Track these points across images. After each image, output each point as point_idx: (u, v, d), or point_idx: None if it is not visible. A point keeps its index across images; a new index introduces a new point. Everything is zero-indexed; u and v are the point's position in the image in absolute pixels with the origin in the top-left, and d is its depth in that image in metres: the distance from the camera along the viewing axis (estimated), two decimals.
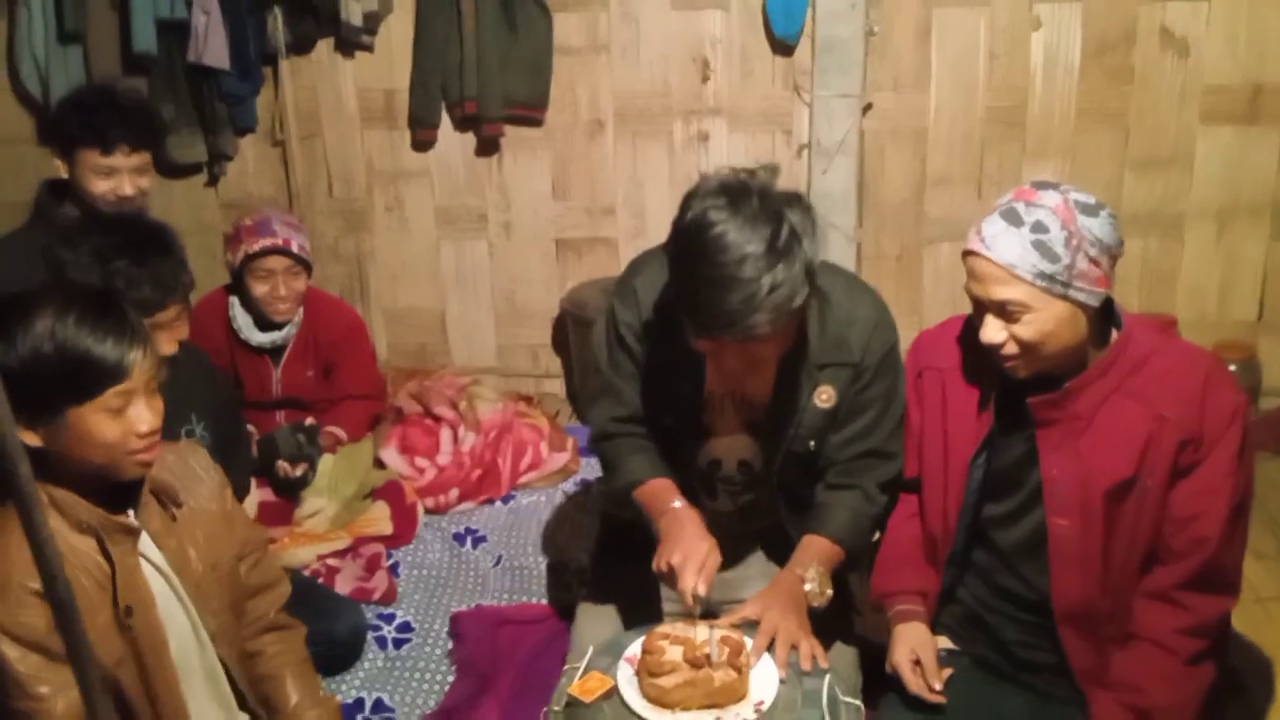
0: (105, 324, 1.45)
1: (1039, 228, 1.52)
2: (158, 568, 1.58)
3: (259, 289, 2.74)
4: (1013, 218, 1.54)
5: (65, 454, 1.47)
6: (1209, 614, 1.64)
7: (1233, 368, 3.37)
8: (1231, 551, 1.65)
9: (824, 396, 1.85)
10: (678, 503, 1.79)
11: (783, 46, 3.39)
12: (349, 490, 2.75)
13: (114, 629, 1.51)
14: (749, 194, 1.59)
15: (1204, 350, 1.73)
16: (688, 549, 1.68)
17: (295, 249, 2.74)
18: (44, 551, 0.94)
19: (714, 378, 1.86)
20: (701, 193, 1.62)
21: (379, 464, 2.97)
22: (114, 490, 1.55)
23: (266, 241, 2.70)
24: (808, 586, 1.76)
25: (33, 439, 1.44)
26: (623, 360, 1.92)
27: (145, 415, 1.48)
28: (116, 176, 2.39)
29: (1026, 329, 1.56)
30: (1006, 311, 1.56)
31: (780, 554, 1.97)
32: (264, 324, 2.81)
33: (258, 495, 2.65)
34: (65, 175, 2.42)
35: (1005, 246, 1.53)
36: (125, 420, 1.46)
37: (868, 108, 3.38)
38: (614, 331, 1.92)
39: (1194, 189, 3.40)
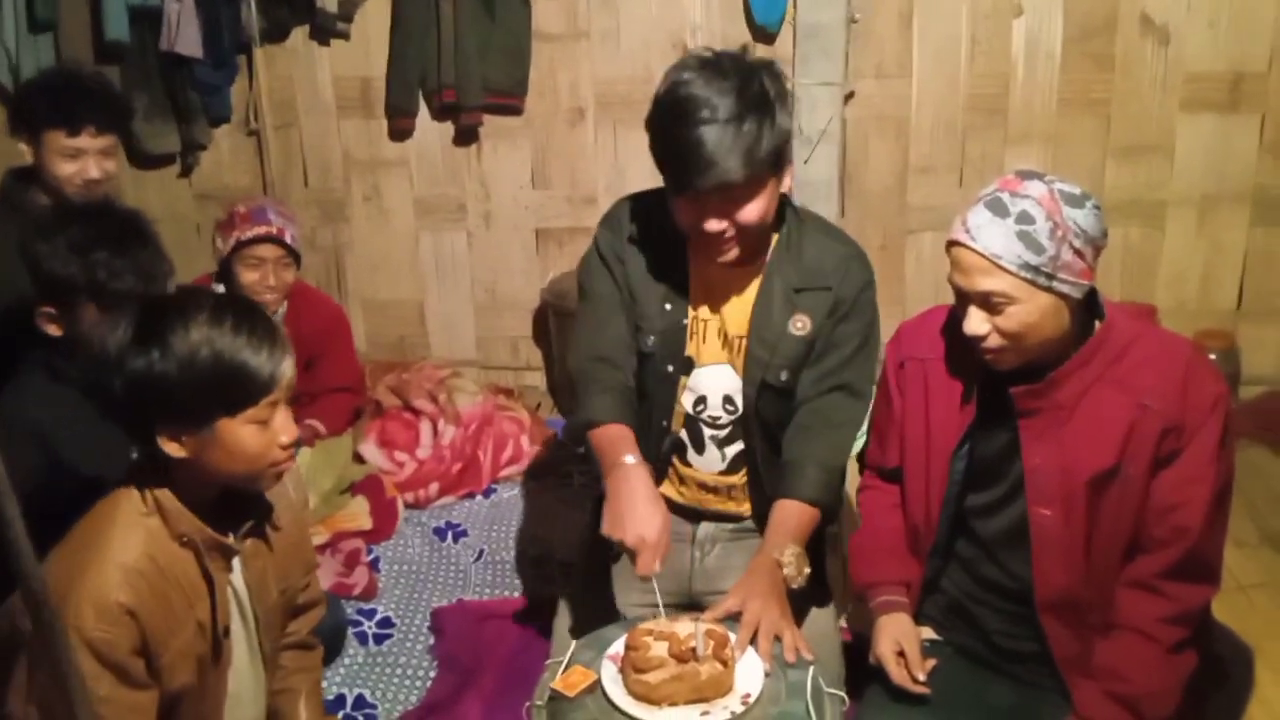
0: (259, 334, 1.42)
1: (1024, 218, 1.51)
2: (235, 590, 1.56)
3: (248, 276, 2.68)
4: (998, 208, 1.53)
5: (206, 464, 1.44)
6: (1191, 602, 1.65)
7: (1212, 356, 3.37)
8: (1213, 540, 1.66)
9: (799, 324, 1.87)
10: (630, 458, 1.75)
11: (764, 33, 3.37)
12: (326, 484, 2.72)
13: (192, 649, 1.48)
14: (720, 60, 1.75)
15: (1185, 339, 1.73)
16: (641, 526, 1.65)
17: (288, 239, 2.70)
18: (30, 581, 0.91)
19: (697, 294, 1.90)
20: (677, 65, 1.78)
21: (359, 458, 2.94)
22: (218, 510, 1.51)
23: (260, 229, 2.65)
24: (786, 570, 1.73)
25: (177, 450, 1.41)
26: (605, 284, 1.94)
27: (288, 426, 1.47)
28: (83, 159, 2.37)
29: (1010, 321, 1.55)
30: (990, 303, 1.55)
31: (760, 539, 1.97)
32: None
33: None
34: (30, 160, 2.39)
35: (990, 237, 1.52)
36: (270, 431, 1.44)
37: (850, 95, 3.36)
38: (597, 254, 1.96)
39: (1175, 177, 3.41)
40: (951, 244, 1.58)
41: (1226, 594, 1.89)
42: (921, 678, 1.72)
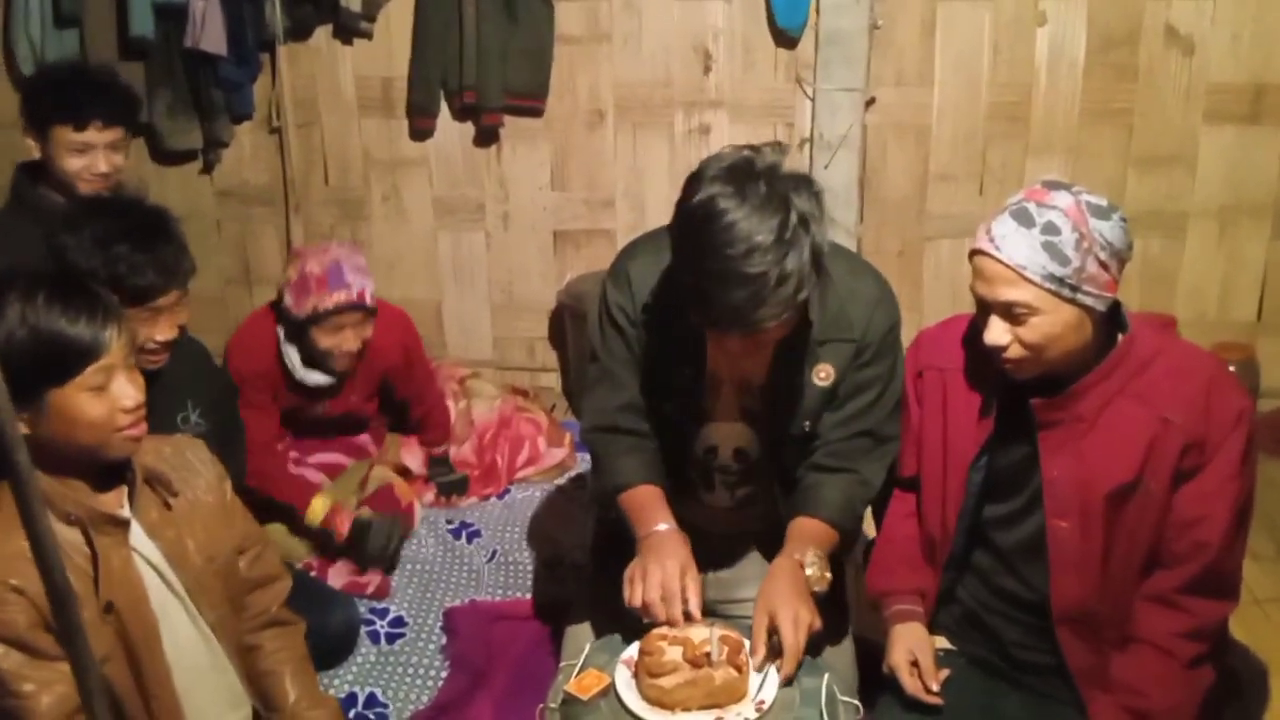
0: (75, 303, 1.44)
1: (1050, 229, 1.50)
2: (150, 562, 1.56)
3: (326, 342, 2.51)
4: (1024, 218, 1.52)
5: (53, 440, 1.45)
6: (1209, 618, 1.64)
7: (1232, 368, 3.36)
8: (1233, 555, 1.65)
9: (823, 374, 1.81)
10: (663, 525, 1.72)
11: (786, 38, 3.37)
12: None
13: (99, 623, 1.49)
14: (756, 178, 1.55)
15: (1208, 353, 1.71)
16: (666, 581, 1.64)
17: (369, 300, 2.53)
18: (42, 543, 0.92)
19: (715, 360, 1.83)
20: (707, 176, 1.58)
21: (402, 471, 2.88)
22: (104, 482, 1.53)
23: (341, 297, 2.47)
24: (808, 571, 1.70)
25: (20, 428, 1.41)
26: (617, 345, 1.87)
27: (128, 390, 1.48)
28: (91, 153, 2.36)
29: (1032, 332, 1.54)
30: (1012, 313, 1.54)
31: (776, 553, 1.96)
32: (311, 361, 2.60)
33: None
34: (38, 155, 2.39)
35: (1015, 247, 1.51)
36: (109, 397, 1.46)
37: (871, 102, 3.36)
38: (607, 315, 1.87)
39: (1196, 188, 3.39)
40: (975, 253, 1.57)
41: (1243, 608, 1.87)
42: (935, 688, 1.72)
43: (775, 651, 1.61)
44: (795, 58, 3.38)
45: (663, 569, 1.65)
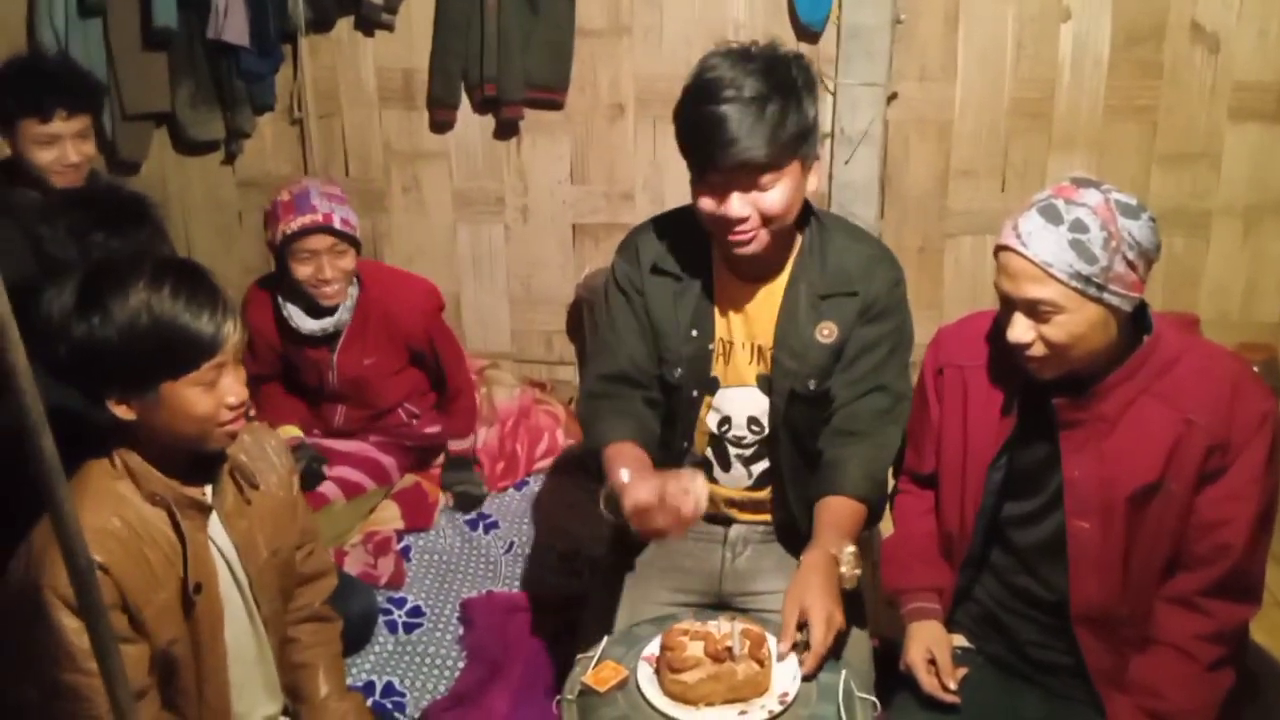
0: (199, 297, 1.44)
1: (1078, 226, 1.49)
2: (220, 550, 1.58)
3: (302, 272, 2.52)
4: (1051, 215, 1.51)
5: (154, 428, 1.46)
6: (1231, 621, 1.63)
7: (1255, 368, 3.33)
8: (1256, 558, 1.63)
9: (825, 332, 1.85)
10: (624, 473, 1.64)
11: (807, 33, 3.35)
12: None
13: (176, 605, 1.51)
14: (748, 48, 1.75)
15: (1233, 354, 1.70)
16: (635, 493, 1.59)
17: (338, 224, 2.50)
18: (64, 525, 0.93)
19: (723, 313, 1.88)
20: (706, 54, 1.78)
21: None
22: (193, 467, 1.55)
23: (305, 219, 2.47)
24: (842, 569, 1.68)
25: (125, 412, 1.44)
26: (621, 314, 1.91)
27: (235, 387, 1.49)
28: (59, 144, 2.37)
29: (1057, 330, 1.52)
30: (1037, 311, 1.53)
31: (794, 546, 1.96)
32: (314, 310, 2.62)
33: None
34: (9, 153, 2.40)
35: (1042, 244, 1.50)
36: (217, 393, 1.47)
37: (892, 97, 3.34)
38: (615, 285, 1.94)
39: (1221, 186, 3.36)
40: (1001, 249, 1.56)
41: (1265, 611, 1.86)
42: (952, 686, 1.71)
43: (801, 645, 1.61)
44: (817, 52, 3.37)
45: (648, 483, 1.59)
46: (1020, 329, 1.55)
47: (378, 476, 2.79)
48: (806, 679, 1.57)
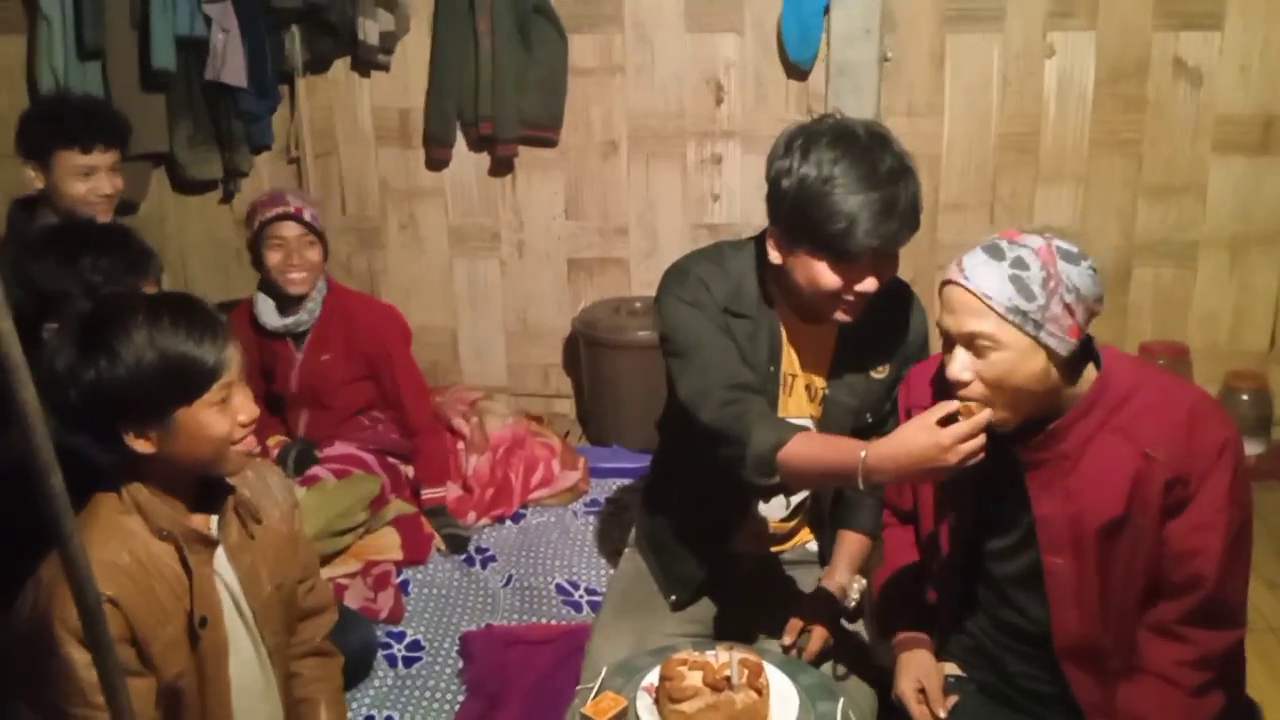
0: (198, 324, 1.49)
1: (1019, 264, 1.52)
2: (226, 584, 1.60)
3: (273, 258, 2.75)
4: (995, 252, 1.54)
5: (173, 457, 1.50)
6: (1213, 647, 1.63)
7: (1244, 397, 3.36)
8: (1232, 585, 1.62)
9: (880, 370, 1.94)
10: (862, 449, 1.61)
11: (797, 70, 3.41)
12: (309, 531, 2.51)
13: (183, 638, 1.52)
14: (850, 128, 1.75)
15: (1188, 384, 1.70)
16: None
17: (307, 216, 2.75)
18: (73, 561, 0.94)
19: (789, 351, 1.93)
20: (797, 139, 1.75)
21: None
22: (198, 502, 1.57)
23: (278, 209, 2.73)
24: (850, 600, 1.92)
25: (145, 446, 1.47)
26: (713, 334, 1.85)
27: (246, 405, 1.54)
28: (96, 176, 2.49)
29: (992, 367, 1.54)
30: (975, 345, 1.54)
31: (802, 577, 2.03)
32: (283, 307, 2.82)
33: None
34: (40, 186, 2.50)
35: (983, 277, 1.52)
36: (230, 411, 1.51)
37: None
38: (692, 308, 1.87)
39: (1207, 218, 3.41)
40: (945, 284, 1.58)
41: (1257, 635, 1.88)
42: (942, 715, 1.72)
43: (798, 649, 1.88)
44: (806, 89, 3.43)
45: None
46: (959, 365, 1.56)
47: (363, 468, 2.86)
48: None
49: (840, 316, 1.81)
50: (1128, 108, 3.35)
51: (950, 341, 1.58)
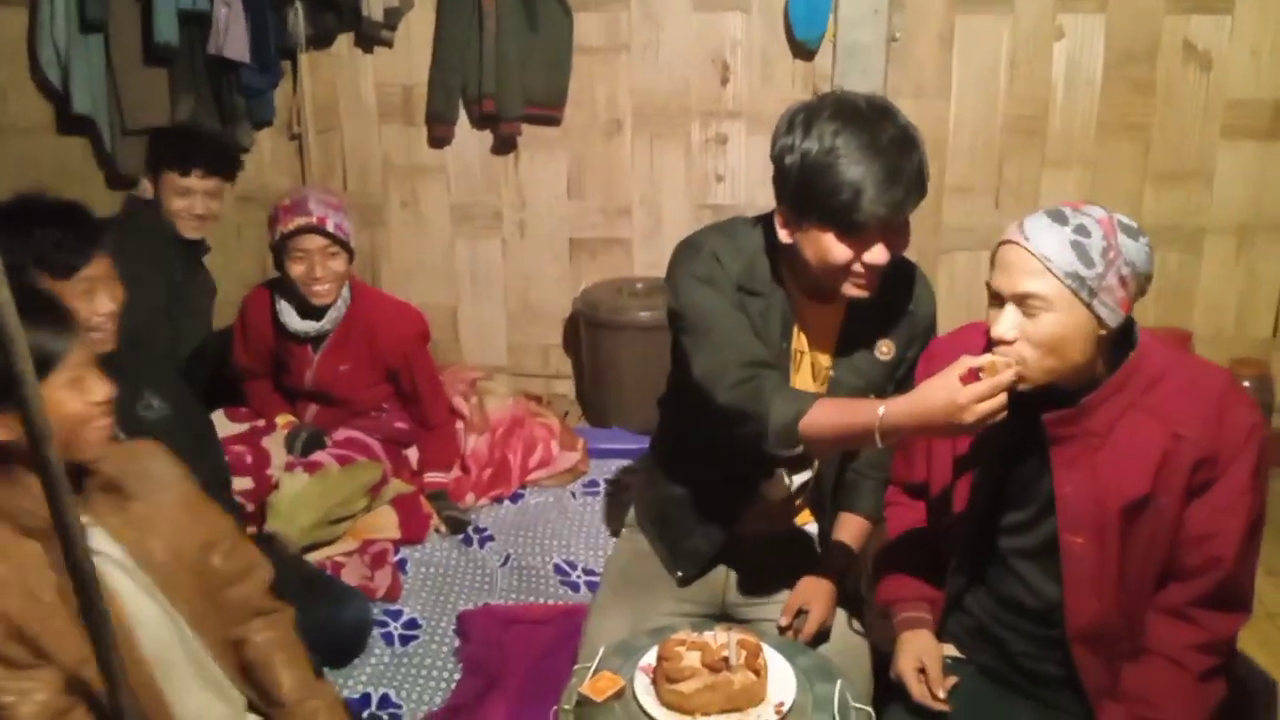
0: (34, 313, 1.46)
1: (1081, 231, 1.53)
2: (118, 563, 1.58)
3: (295, 270, 2.69)
4: (1058, 217, 1.55)
5: (20, 444, 1.48)
6: (1222, 631, 1.64)
7: (1246, 384, 3.35)
8: (1245, 569, 1.65)
9: (884, 349, 1.93)
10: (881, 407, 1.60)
11: (804, 50, 3.39)
12: (307, 520, 2.56)
13: (71, 628, 1.50)
14: (845, 99, 1.75)
15: (1219, 368, 1.71)
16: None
17: (331, 228, 2.67)
18: (70, 534, 0.94)
19: (798, 329, 1.92)
20: (803, 114, 1.75)
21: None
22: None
23: (301, 220, 2.65)
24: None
25: (2, 433, 1.47)
26: (727, 310, 1.84)
27: (100, 385, 1.55)
28: (191, 196, 2.85)
29: (1041, 328, 1.54)
30: (1027, 304, 1.55)
31: (807, 560, 2.03)
32: (305, 311, 2.77)
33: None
34: (150, 195, 2.88)
35: (1045, 240, 1.53)
36: (83, 390, 1.53)
37: None
38: (706, 284, 1.86)
39: (1214, 204, 3.39)
40: (1003, 244, 1.58)
41: (1256, 622, 1.87)
42: (942, 695, 1.72)
43: (794, 630, 1.89)
44: (813, 69, 3.40)
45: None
46: (1006, 324, 1.57)
47: (367, 454, 2.84)
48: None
49: (852, 291, 1.80)
50: (1137, 92, 3.32)
51: (1000, 301, 1.58)
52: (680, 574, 2.06)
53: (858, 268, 1.77)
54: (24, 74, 3.62)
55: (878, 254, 1.76)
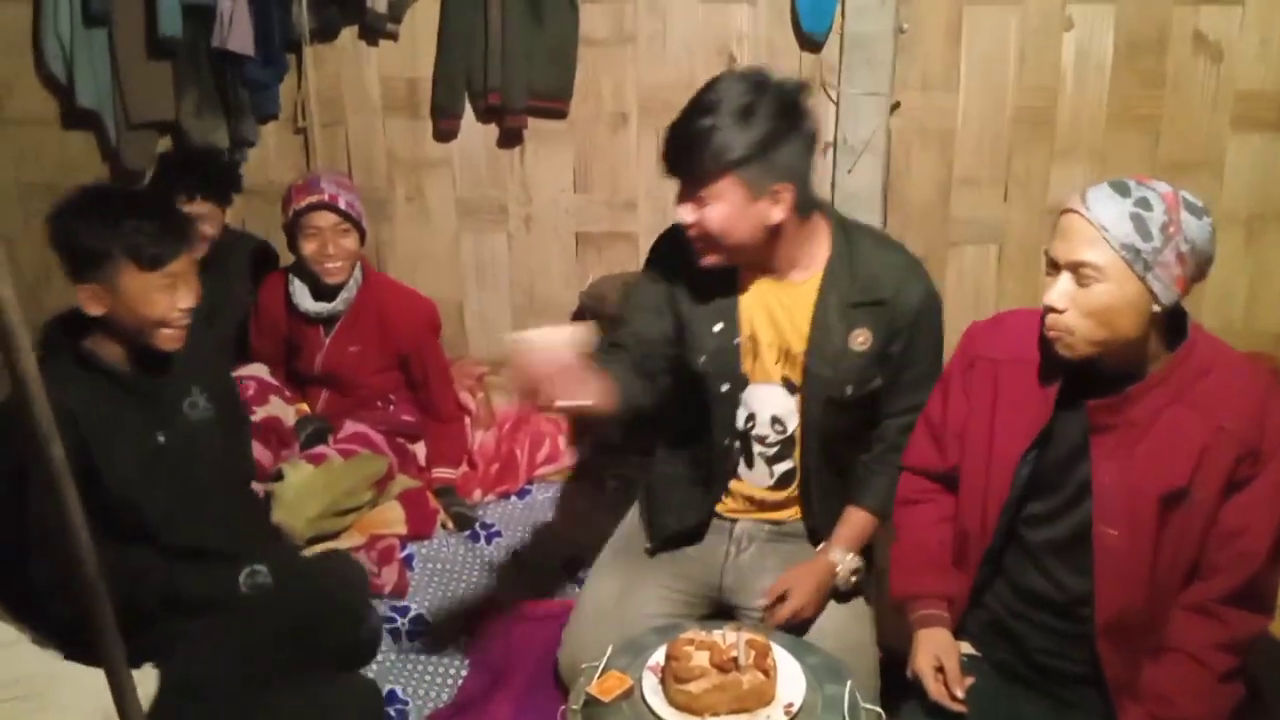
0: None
1: (1143, 204, 1.52)
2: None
3: (308, 248, 2.75)
4: (1121, 189, 1.55)
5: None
6: (1245, 630, 1.63)
7: None
8: (1274, 568, 1.64)
9: (860, 339, 1.91)
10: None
11: (810, 42, 3.36)
12: (313, 510, 2.57)
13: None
14: (756, 71, 1.83)
15: (1264, 365, 1.71)
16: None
17: (343, 205, 2.75)
18: (76, 541, 0.93)
19: (750, 315, 1.95)
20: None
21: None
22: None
23: (313, 197, 2.73)
24: (839, 576, 1.97)
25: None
26: (642, 289, 2.01)
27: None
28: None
29: (1092, 298, 1.54)
30: (1080, 273, 1.54)
31: (799, 549, 2.00)
32: (318, 292, 2.83)
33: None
34: None
35: (1104, 209, 1.53)
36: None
37: (895, 106, 3.35)
38: (644, 270, 2.05)
39: (1224, 195, 3.36)
40: (1064, 212, 1.58)
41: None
42: (960, 694, 1.71)
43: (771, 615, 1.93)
44: (819, 61, 3.38)
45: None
46: (1058, 293, 1.57)
47: (372, 448, 2.85)
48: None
49: (701, 260, 1.89)
50: (1146, 82, 3.29)
51: (1056, 268, 1.57)
52: (648, 546, 2.11)
53: (681, 221, 1.86)
54: (28, 68, 3.61)
55: (681, 213, 1.84)
